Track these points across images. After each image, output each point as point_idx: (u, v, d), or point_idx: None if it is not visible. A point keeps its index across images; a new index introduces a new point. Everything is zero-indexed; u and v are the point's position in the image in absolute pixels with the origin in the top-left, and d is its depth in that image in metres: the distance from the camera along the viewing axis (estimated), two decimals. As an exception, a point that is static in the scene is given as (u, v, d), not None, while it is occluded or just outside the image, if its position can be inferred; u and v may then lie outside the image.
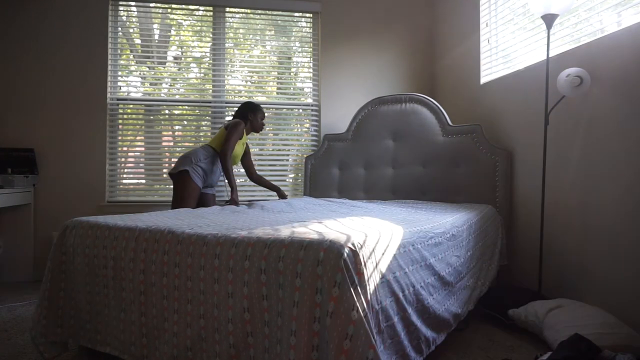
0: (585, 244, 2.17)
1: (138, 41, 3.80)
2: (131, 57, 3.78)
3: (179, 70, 3.85)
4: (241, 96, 3.77)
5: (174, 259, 1.42)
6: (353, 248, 1.16)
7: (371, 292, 1.17)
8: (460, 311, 1.82)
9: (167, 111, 3.69)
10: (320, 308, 1.11)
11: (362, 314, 1.08)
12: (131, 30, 3.77)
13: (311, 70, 3.77)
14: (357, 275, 1.12)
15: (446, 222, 1.92)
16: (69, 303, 1.72)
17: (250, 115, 3.04)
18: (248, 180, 3.71)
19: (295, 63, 3.93)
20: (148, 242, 1.50)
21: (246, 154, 3.23)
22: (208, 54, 3.69)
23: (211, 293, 1.32)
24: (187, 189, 2.76)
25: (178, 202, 2.77)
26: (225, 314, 1.29)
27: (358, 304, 1.08)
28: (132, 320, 1.53)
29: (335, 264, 1.11)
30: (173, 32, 3.93)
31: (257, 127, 3.10)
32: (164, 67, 3.81)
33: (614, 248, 2.00)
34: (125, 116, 3.57)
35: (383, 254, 1.29)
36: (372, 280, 1.19)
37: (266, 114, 3.73)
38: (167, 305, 1.44)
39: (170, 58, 3.88)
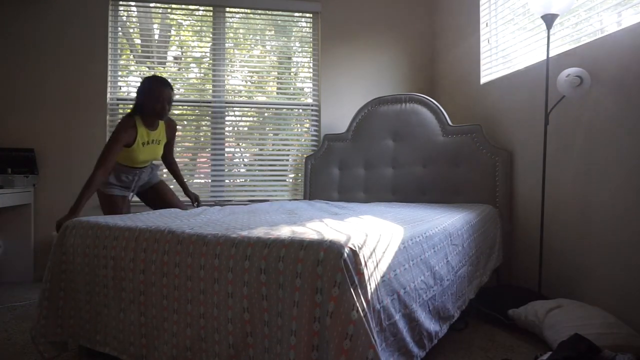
0: (585, 243, 2.17)
1: (138, 41, 3.80)
2: (131, 57, 3.78)
3: (179, 70, 3.85)
4: (241, 96, 3.77)
5: (174, 258, 1.42)
6: (353, 248, 1.16)
7: (372, 291, 1.16)
8: (460, 301, 1.84)
9: (167, 111, 3.68)
10: (320, 308, 1.11)
11: (362, 313, 1.08)
12: (131, 30, 3.77)
13: (311, 70, 3.77)
14: (357, 275, 1.12)
15: (446, 220, 1.93)
16: (69, 303, 1.72)
17: (144, 99, 2.35)
18: (248, 180, 3.71)
19: (295, 63, 3.93)
20: (148, 242, 1.50)
21: (169, 140, 2.64)
22: (208, 54, 3.69)
23: (211, 293, 1.32)
24: (104, 204, 2.50)
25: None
26: (225, 313, 1.29)
27: (358, 304, 1.08)
28: (131, 320, 1.53)
29: (335, 263, 1.11)
30: (173, 32, 3.93)
31: (156, 112, 2.36)
32: (164, 67, 3.81)
33: (614, 248, 2.00)
34: (125, 116, 3.57)
35: (384, 252, 1.29)
36: (373, 280, 1.19)
37: (266, 114, 3.74)
38: (166, 305, 1.43)
39: (170, 58, 3.88)
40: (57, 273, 1.72)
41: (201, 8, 3.65)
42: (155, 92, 2.33)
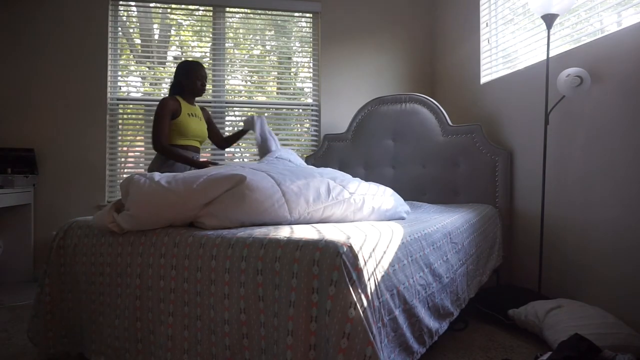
0: (585, 244, 2.17)
1: (138, 41, 3.80)
2: (131, 57, 3.78)
3: (179, 70, 3.84)
4: (241, 96, 3.77)
5: (171, 261, 1.41)
6: (349, 246, 1.15)
7: (372, 288, 1.16)
8: (461, 297, 1.83)
9: (167, 111, 3.68)
10: (317, 307, 1.11)
11: (360, 310, 1.07)
12: (131, 30, 3.77)
13: (311, 70, 3.77)
14: (355, 271, 1.12)
15: (445, 219, 1.93)
16: (66, 305, 1.70)
17: (183, 80, 2.51)
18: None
19: (295, 63, 3.93)
20: (144, 245, 1.49)
21: (209, 124, 2.71)
22: (208, 54, 3.69)
23: (207, 294, 1.31)
24: None
25: None
26: (222, 315, 1.28)
27: (357, 301, 1.08)
28: (125, 326, 1.51)
29: (331, 262, 1.10)
30: (173, 32, 3.93)
31: (197, 91, 2.55)
32: (164, 67, 3.81)
33: (614, 248, 2.00)
34: (125, 116, 3.57)
35: (384, 250, 1.29)
36: (373, 277, 1.18)
37: (266, 114, 3.74)
38: (163, 308, 1.42)
39: (170, 58, 3.88)
40: (56, 276, 1.70)
41: (201, 8, 3.65)
42: (194, 72, 2.52)
